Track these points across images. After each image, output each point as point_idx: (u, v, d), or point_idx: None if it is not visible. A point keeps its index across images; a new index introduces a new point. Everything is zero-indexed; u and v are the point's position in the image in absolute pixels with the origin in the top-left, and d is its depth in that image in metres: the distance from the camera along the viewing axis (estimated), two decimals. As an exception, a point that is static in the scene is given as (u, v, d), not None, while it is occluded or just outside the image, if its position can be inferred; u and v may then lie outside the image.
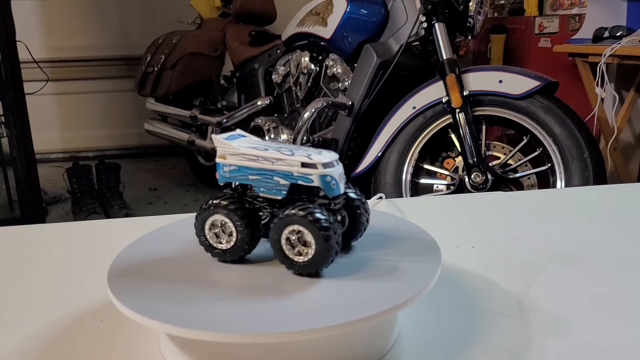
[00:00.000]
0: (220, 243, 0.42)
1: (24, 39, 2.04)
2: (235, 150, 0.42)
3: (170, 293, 0.37)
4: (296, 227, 0.38)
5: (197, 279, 0.39)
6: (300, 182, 0.39)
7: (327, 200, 0.40)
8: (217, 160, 0.42)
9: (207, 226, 0.42)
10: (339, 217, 0.41)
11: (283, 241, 0.39)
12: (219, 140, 0.42)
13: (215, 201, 0.41)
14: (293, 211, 0.38)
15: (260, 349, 0.35)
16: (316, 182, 0.39)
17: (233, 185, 0.43)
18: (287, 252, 0.39)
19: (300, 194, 0.41)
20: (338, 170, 0.40)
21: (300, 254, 0.38)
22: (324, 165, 0.39)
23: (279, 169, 0.40)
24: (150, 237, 0.47)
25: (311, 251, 0.38)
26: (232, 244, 0.41)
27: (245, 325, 0.33)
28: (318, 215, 0.38)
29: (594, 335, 0.40)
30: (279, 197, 0.41)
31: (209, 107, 2.48)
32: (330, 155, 0.40)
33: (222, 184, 0.43)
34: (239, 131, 0.45)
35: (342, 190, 0.40)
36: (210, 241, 0.42)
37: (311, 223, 0.37)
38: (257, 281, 0.39)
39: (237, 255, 0.42)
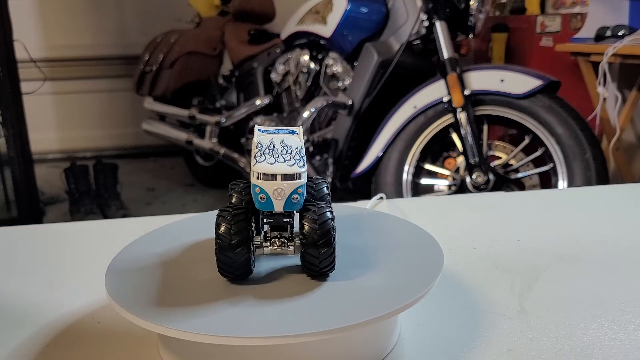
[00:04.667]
0: None
1: (22, 38, 2.03)
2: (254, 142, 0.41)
3: (168, 295, 0.37)
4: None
5: (195, 280, 0.39)
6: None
7: (266, 213, 0.37)
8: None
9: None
10: (272, 235, 0.38)
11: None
12: (255, 129, 0.42)
13: (231, 184, 0.44)
14: (219, 212, 0.38)
15: (259, 352, 0.35)
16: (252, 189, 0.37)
17: None
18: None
19: None
20: (275, 186, 0.36)
21: None
22: (257, 174, 0.36)
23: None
24: (148, 238, 0.46)
25: None
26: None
27: (244, 328, 0.32)
28: (220, 221, 0.37)
29: (596, 336, 0.40)
30: None
31: (208, 106, 2.47)
32: (280, 168, 0.36)
33: None
34: (299, 128, 0.43)
35: (275, 209, 0.37)
36: None
37: (216, 228, 0.37)
38: (257, 285, 0.38)
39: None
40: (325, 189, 0.44)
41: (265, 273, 0.40)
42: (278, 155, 0.38)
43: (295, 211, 0.38)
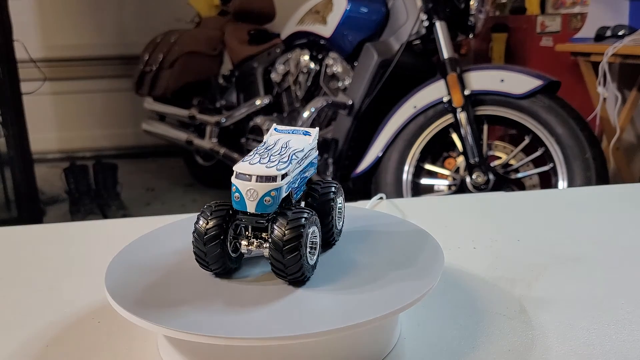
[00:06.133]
0: None
1: (22, 38, 2.03)
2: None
3: (168, 295, 0.37)
4: None
5: (195, 280, 0.39)
6: None
7: (241, 213, 0.37)
8: None
9: None
10: (252, 234, 0.38)
11: None
12: (272, 128, 0.42)
13: None
14: (203, 208, 0.39)
15: (259, 351, 0.35)
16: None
17: None
18: None
19: None
20: (248, 187, 0.36)
21: None
22: (236, 174, 0.36)
23: None
24: (147, 238, 0.46)
25: None
26: None
27: (244, 328, 0.32)
28: (199, 215, 0.38)
29: (596, 336, 0.40)
30: None
31: (208, 106, 2.47)
32: (257, 169, 0.36)
33: None
34: (314, 130, 0.42)
35: (248, 209, 0.36)
36: None
37: (195, 221, 0.38)
38: (259, 285, 0.38)
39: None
40: (330, 193, 0.43)
41: (267, 274, 0.40)
42: (267, 156, 0.38)
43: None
